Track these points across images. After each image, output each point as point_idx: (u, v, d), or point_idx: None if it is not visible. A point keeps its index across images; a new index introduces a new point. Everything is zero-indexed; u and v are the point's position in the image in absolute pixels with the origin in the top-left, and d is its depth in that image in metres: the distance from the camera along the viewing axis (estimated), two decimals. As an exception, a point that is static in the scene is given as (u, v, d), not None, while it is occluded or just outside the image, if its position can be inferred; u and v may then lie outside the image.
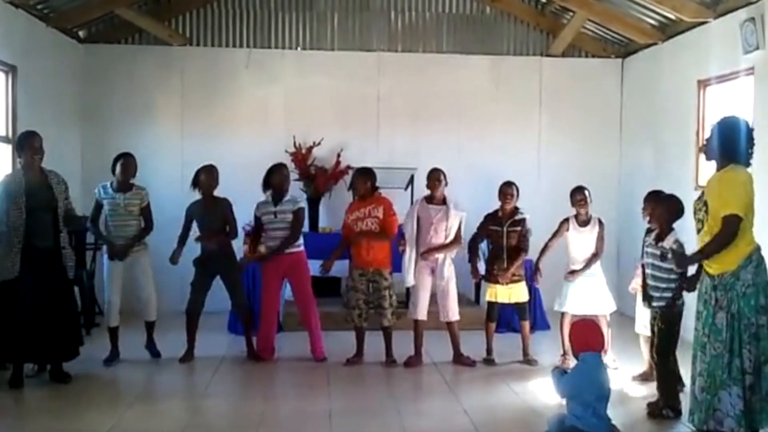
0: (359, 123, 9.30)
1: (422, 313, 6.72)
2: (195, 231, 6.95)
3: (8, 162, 7.23)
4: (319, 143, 8.96)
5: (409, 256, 6.70)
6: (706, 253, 4.45)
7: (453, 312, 6.73)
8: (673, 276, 5.23)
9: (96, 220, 6.69)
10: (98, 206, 6.65)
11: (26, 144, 5.84)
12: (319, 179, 8.79)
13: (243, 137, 9.16)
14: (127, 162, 6.63)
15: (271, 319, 6.93)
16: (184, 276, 7.91)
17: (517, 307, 6.88)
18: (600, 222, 6.65)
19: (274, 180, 6.86)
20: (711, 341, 4.39)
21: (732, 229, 4.32)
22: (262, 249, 7.09)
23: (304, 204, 7.03)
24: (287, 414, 5.49)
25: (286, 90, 9.30)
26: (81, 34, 9.02)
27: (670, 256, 5.06)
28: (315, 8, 9.44)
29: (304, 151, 8.92)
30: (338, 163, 8.95)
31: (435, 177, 6.73)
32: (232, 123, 9.22)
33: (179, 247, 6.84)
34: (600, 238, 6.60)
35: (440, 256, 6.67)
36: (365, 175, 6.76)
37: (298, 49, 9.44)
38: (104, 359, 6.55)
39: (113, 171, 6.64)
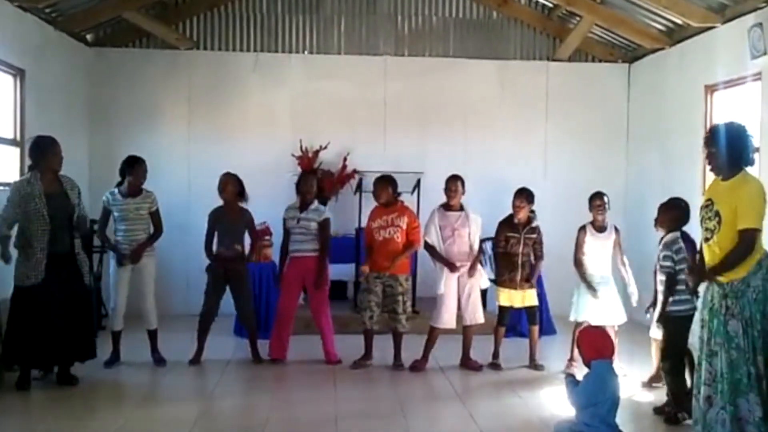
0: (366, 127, 9.31)
1: (448, 322, 6.68)
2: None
3: (16, 165, 7.25)
4: (325, 147, 8.97)
5: (439, 265, 6.73)
6: (725, 267, 4.36)
7: (479, 315, 6.74)
8: (662, 277, 5.26)
9: (104, 227, 6.71)
10: (107, 213, 6.66)
11: (53, 151, 5.87)
12: (325, 183, 8.78)
13: (250, 141, 9.18)
14: (141, 167, 6.65)
15: (288, 320, 6.94)
16: (189, 280, 7.96)
17: (529, 311, 6.87)
18: (616, 228, 6.63)
19: (300, 187, 6.92)
20: (726, 349, 4.34)
21: (751, 243, 4.29)
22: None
23: (329, 215, 7.03)
24: (293, 417, 5.49)
25: (293, 94, 9.32)
26: (89, 37, 9.06)
27: (686, 271, 4.94)
28: (322, 12, 9.46)
29: (310, 154, 8.94)
30: (344, 166, 8.96)
31: (451, 186, 6.73)
32: (239, 127, 9.24)
33: (210, 255, 6.87)
34: (618, 246, 6.59)
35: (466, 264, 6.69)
36: (386, 182, 6.77)
37: (305, 53, 9.46)
38: (105, 361, 6.57)
39: (122, 174, 6.65)
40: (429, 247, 6.74)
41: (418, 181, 8.21)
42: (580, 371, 4.99)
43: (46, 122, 7.44)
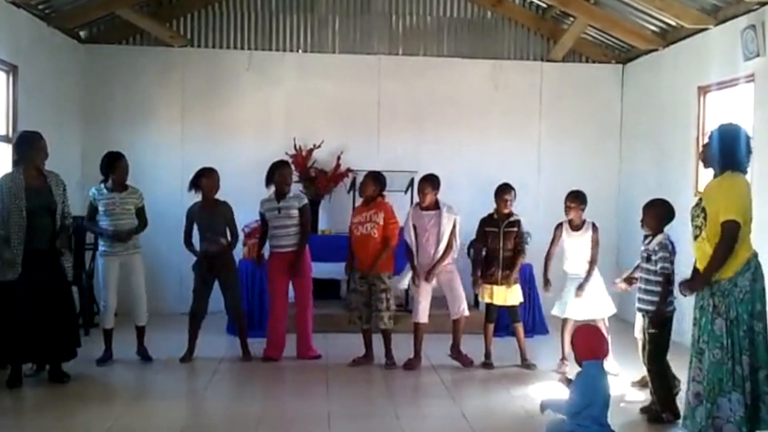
0: (360, 126, 9.30)
1: (423, 316, 6.74)
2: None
3: (8, 161, 7.21)
4: (319, 146, 8.96)
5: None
6: (714, 266, 4.37)
7: (463, 308, 6.74)
8: (659, 279, 5.26)
9: (91, 220, 6.67)
10: (93, 208, 6.63)
11: (37, 146, 5.84)
12: (319, 182, 8.79)
13: (243, 139, 9.16)
14: (121, 163, 6.64)
15: (282, 317, 6.94)
16: (182, 278, 7.95)
17: (510, 309, 6.87)
18: (594, 226, 6.63)
19: (276, 178, 6.88)
20: (710, 347, 4.39)
21: (732, 234, 4.32)
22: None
23: (307, 200, 7.03)
24: (286, 415, 5.49)
25: (287, 92, 9.30)
26: (82, 34, 9.02)
27: (681, 288, 4.78)
28: (316, 11, 9.45)
29: (304, 153, 8.92)
30: (338, 165, 8.95)
31: (421, 189, 6.77)
32: (233, 125, 9.22)
33: (192, 250, 6.86)
34: (595, 243, 6.58)
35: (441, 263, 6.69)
36: (374, 180, 6.81)
37: (299, 51, 9.45)
38: (97, 359, 6.55)
39: (105, 171, 6.61)
40: (407, 249, 6.76)
41: (412, 180, 8.20)
42: (572, 369, 5.01)
43: (39, 119, 7.41)
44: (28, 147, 5.83)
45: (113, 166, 6.61)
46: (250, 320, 7.37)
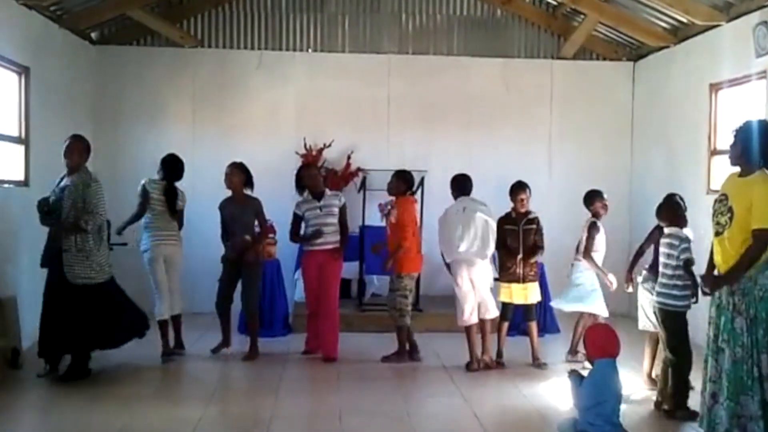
0: (370, 125, 9.31)
1: (473, 318, 6.66)
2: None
3: (21, 162, 7.26)
4: (329, 145, 8.98)
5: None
6: (739, 270, 4.34)
7: (493, 309, 6.73)
8: (681, 272, 5.25)
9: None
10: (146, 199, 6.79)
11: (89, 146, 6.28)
12: (329, 181, 8.78)
13: (254, 139, 9.18)
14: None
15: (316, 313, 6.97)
16: (195, 278, 7.97)
17: (526, 307, 6.85)
18: (589, 226, 6.73)
19: (307, 182, 6.99)
20: (731, 346, 4.33)
21: (763, 244, 4.27)
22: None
23: (345, 199, 7.15)
24: (298, 413, 5.51)
25: (297, 92, 9.32)
26: (93, 35, 9.07)
27: (701, 283, 4.82)
28: (326, 10, 9.46)
29: (314, 152, 8.94)
30: (348, 165, 8.97)
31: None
32: (243, 124, 9.25)
33: (225, 245, 7.01)
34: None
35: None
36: None
37: (309, 51, 9.46)
38: (161, 354, 6.69)
39: (174, 172, 6.89)
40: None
41: (422, 179, 8.19)
42: (574, 364, 5.00)
43: (51, 120, 7.47)
44: (87, 151, 6.21)
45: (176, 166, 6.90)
46: (260, 320, 7.38)
